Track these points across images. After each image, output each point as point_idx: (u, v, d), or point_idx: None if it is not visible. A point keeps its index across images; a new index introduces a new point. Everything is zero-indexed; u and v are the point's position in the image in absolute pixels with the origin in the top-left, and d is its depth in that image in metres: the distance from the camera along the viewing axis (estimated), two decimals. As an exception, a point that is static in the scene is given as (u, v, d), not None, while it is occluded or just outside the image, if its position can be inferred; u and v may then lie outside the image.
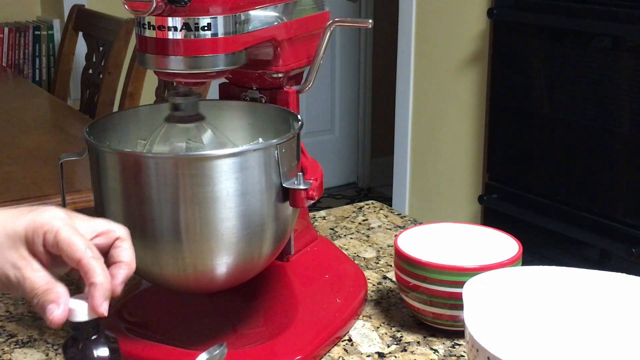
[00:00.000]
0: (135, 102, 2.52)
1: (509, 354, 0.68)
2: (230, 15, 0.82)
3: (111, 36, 2.67)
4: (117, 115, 0.97)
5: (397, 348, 0.91)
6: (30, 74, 3.38)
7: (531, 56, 2.38)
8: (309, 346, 0.88)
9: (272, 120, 0.94)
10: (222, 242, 0.82)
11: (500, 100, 2.51)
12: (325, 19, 0.98)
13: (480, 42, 2.64)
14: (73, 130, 2.20)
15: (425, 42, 2.88)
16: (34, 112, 2.48)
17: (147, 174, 0.80)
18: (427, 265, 0.90)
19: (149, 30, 0.82)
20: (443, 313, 0.91)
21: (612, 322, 0.78)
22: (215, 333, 0.91)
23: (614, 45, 2.13)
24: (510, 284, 0.80)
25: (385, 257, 1.16)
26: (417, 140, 2.98)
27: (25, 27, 3.37)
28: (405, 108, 2.99)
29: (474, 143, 2.72)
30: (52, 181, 1.69)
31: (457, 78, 2.75)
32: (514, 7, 2.42)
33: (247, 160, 0.81)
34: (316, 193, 0.86)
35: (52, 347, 0.91)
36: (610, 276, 0.80)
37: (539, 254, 2.34)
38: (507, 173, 2.53)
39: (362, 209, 1.34)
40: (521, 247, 0.93)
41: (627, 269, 0.92)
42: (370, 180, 4.16)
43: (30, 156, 1.92)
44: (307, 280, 0.97)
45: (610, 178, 2.18)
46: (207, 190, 0.79)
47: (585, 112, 2.21)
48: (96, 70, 2.79)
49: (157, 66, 0.84)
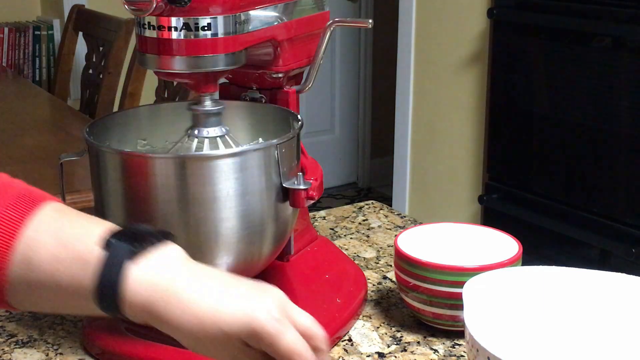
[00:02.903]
0: (135, 102, 2.52)
1: (509, 354, 0.67)
2: (230, 15, 0.82)
3: (111, 36, 2.67)
4: (117, 115, 0.97)
5: (397, 348, 0.91)
6: (30, 74, 3.38)
7: (531, 56, 2.38)
8: (309, 346, 0.88)
9: (272, 120, 0.94)
10: (222, 242, 0.82)
11: (500, 100, 2.51)
12: (325, 19, 0.98)
13: (480, 42, 2.64)
14: (73, 130, 2.20)
15: (425, 42, 2.88)
16: (34, 112, 2.48)
17: (147, 174, 0.80)
18: (427, 265, 0.90)
19: (149, 30, 0.82)
20: (443, 313, 0.91)
21: (612, 322, 0.78)
22: (215, 333, 0.91)
23: (614, 45, 2.13)
24: (510, 284, 0.80)
25: (385, 257, 1.16)
26: (417, 140, 2.98)
27: (25, 27, 3.37)
28: (405, 108, 2.99)
29: (474, 143, 2.72)
30: (52, 181, 1.68)
31: (457, 78, 2.75)
32: (514, 7, 2.42)
33: (247, 160, 0.81)
34: (316, 193, 0.86)
35: (52, 347, 0.91)
36: (610, 276, 0.80)
37: (539, 254, 2.33)
38: (507, 173, 2.53)
39: (362, 209, 1.34)
40: (521, 247, 0.93)
41: (627, 269, 0.92)
42: (370, 180, 4.16)
43: (30, 156, 1.92)
44: (307, 280, 0.97)
45: (610, 178, 2.18)
46: (207, 190, 0.79)
47: (585, 112, 2.21)
48: (96, 70, 2.79)
49: (157, 66, 0.84)
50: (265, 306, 0.63)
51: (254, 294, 0.64)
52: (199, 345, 0.63)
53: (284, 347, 0.62)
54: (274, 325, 0.62)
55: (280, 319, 0.62)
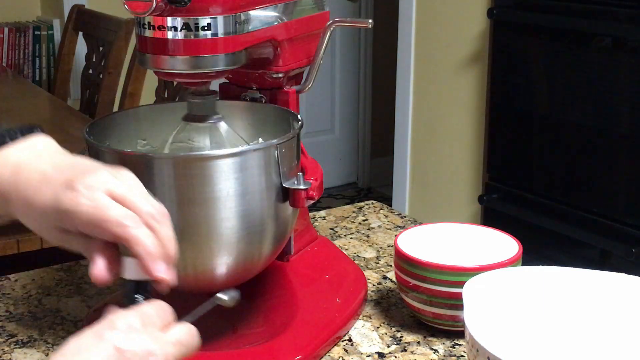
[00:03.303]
0: (135, 102, 2.52)
1: (509, 354, 0.67)
2: (230, 15, 0.82)
3: (111, 36, 2.67)
4: (117, 115, 0.97)
5: (397, 348, 0.91)
6: (30, 74, 3.38)
7: (531, 56, 2.38)
8: (309, 346, 0.88)
9: (272, 120, 0.94)
10: (222, 242, 0.82)
11: (500, 100, 2.51)
12: (325, 19, 0.98)
13: (480, 42, 2.64)
14: (73, 130, 2.20)
15: (425, 42, 2.88)
16: (34, 112, 2.47)
17: (147, 174, 0.80)
18: (427, 265, 0.90)
19: (149, 30, 0.82)
20: (443, 313, 0.91)
21: (612, 322, 0.78)
22: (215, 333, 0.91)
23: (614, 45, 2.13)
24: (510, 284, 0.80)
25: (385, 257, 1.16)
26: (417, 140, 2.98)
27: (25, 27, 3.37)
28: (405, 108, 2.99)
29: (474, 143, 2.72)
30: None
31: (457, 78, 2.75)
32: (514, 7, 2.42)
33: (247, 160, 0.81)
34: (316, 193, 0.86)
35: (52, 347, 0.91)
36: (610, 276, 0.80)
37: (539, 254, 2.33)
38: (507, 173, 2.53)
39: (362, 209, 1.34)
40: (521, 247, 0.93)
41: (627, 269, 0.92)
42: (370, 180, 4.16)
43: (30, 156, 1.91)
44: (307, 280, 0.97)
45: (610, 178, 2.18)
46: (207, 191, 0.79)
47: (585, 112, 2.21)
48: (96, 70, 2.79)
49: (157, 66, 0.84)
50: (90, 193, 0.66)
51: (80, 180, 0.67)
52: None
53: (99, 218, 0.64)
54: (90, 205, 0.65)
55: (94, 197, 0.65)
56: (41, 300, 1.03)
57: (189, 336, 0.64)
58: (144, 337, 0.60)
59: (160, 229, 0.66)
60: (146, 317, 0.62)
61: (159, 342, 0.61)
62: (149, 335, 0.61)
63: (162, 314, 0.63)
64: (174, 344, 0.62)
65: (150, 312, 0.63)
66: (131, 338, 0.59)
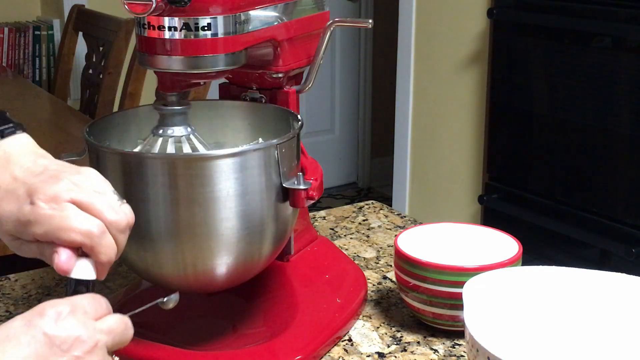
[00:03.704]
0: (135, 102, 2.52)
1: (509, 354, 0.68)
2: (230, 15, 0.82)
3: (111, 36, 2.67)
4: (117, 115, 0.97)
5: (397, 348, 0.91)
6: (30, 74, 3.38)
7: (531, 56, 2.38)
8: (309, 346, 0.88)
9: (272, 120, 0.94)
10: (222, 242, 0.81)
11: (500, 100, 2.51)
12: (325, 19, 0.98)
13: (480, 42, 2.64)
14: (73, 130, 2.20)
15: (425, 42, 2.88)
16: (34, 112, 2.47)
17: (147, 174, 0.80)
18: (427, 265, 0.90)
19: (149, 30, 0.82)
20: (443, 313, 0.91)
21: (612, 322, 0.78)
22: (215, 333, 0.91)
23: (614, 45, 2.13)
24: (510, 284, 0.80)
25: (385, 257, 1.16)
26: (417, 140, 2.98)
27: (25, 27, 3.37)
28: (405, 108, 2.99)
29: (474, 143, 2.72)
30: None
31: (457, 78, 2.75)
32: (514, 7, 2.42)
33: (247, 160, 0.81)
34: (316, 193, 0.86)
35: (52, 347, 0.91)
36: (610, 276, 0.80)
37: (539, 254, 2.34)
38: (507, 173, 2.53)
39: (362, 209, 1.34)
40: (521, 247, 0.93)
41: (627, 269, 0.92)
42: (370, 180, 4.16)
43: (30, 156, 1.91)
44: (307, 280, 0.97)
45: (610, 178, 2.18)
46: (207, 191, 0.79)
47: (585, 112, 2.21)
48: (96, 70, 2.79)
49: (157, 66, 0.84)
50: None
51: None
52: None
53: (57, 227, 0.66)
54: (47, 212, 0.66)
55: (59, 207, 0.66)
56: (41, 300, 1.03)
57: (121, 325, 0.65)
58: (73, 323, 0.61)
59: (119, 238, 0.69)
60: (78, 306, 0.63)
61: (88, 329, 0.61)
62: (78, 321, 0.61)
63: (95, 305, 0.64)
64: (105, 332, 0.63)
65: (83, 302, 0.64)
66: (60, 325, 0.61)
